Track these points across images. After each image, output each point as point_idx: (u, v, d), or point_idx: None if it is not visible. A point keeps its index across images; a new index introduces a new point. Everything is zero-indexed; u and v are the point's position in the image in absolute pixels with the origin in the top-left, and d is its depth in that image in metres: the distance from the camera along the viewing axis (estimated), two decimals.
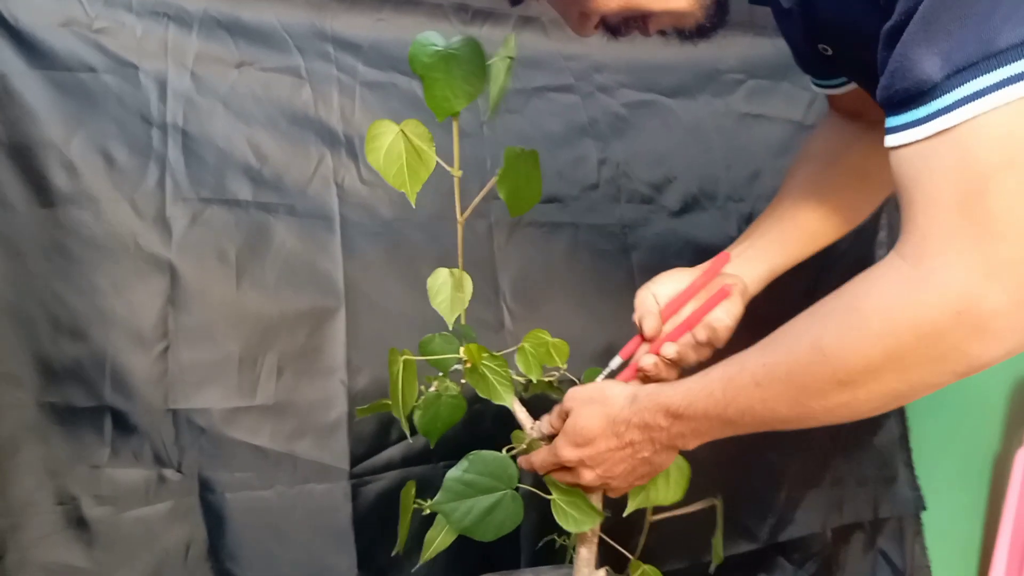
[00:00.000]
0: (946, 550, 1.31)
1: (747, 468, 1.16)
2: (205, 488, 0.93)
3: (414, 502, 0.68)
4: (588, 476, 0.67)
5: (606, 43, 1.17)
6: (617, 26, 0.66)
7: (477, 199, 0.69)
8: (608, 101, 1.14)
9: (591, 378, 0.77)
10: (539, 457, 0.70)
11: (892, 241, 1.27)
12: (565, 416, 0.69)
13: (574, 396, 0.69)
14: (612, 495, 0.70)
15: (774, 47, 1.23)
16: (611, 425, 0.65)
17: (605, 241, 1.09)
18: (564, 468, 0.69)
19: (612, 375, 0.75)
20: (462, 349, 0.69)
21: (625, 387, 0.68)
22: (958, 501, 1.31)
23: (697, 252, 1.14)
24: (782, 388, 0.55)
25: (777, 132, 1.22)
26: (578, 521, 0.67)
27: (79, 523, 0.90)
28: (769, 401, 0.56)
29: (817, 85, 0.82)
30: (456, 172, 0.65)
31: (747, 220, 1.18)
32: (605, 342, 0.87)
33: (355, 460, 0.96)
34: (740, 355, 0.60)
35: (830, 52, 0.68)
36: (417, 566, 0.72)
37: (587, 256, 1.08)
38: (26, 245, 0.91)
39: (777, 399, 0.56)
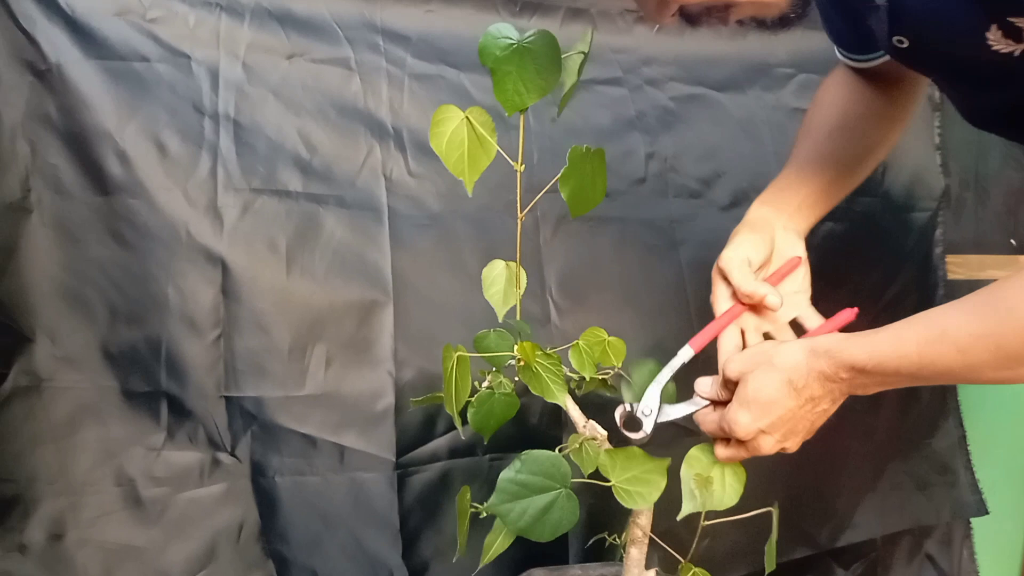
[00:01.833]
0: (994, 555, 1.30)
1: (806, 473, 1.14)
2: (257, 472, 0.95)
3: (470, 506, 0.68)
4: (767, 445, 0.66)
5: (655, 36, 1.18)
6: (696, 15, 0.64)
7: (538, 196, 0.69)
8: (656, 94, 1.13)
9: (642, 370, 0.77)
10: (727, 455, 0.68)
11: (948, 239, 1.26)
12: (733, 387, 0.68)
13: (742, 364, 0.67)
14: (786, 451, 0.70)
15: (825, 41, 1.20)
16: (789, 384, 0.64)
17: (652, 236, 1.09)
18: (736, 444, 0.67)
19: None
20: (516, 347, 0.69)
21: (793, 345, 0.67)
22: (1007, 505, 1.29)
23: None
24: (990, 356, 0.57)
25: None
26: (644, 495, 0.67)
27: (136, 503, 0.93)
28: (973, 366, 0.59)
29: (846, 57, 0.83)
30: (519, 167, 0.65)
31: None
32: (652, 338, 0.87)
33: (401, 451, 0.97)
34: (935, 319, 0.61)
35: (905, 44, 0.66)
36: (476, 570, 0.73)
37: (634, 251, 1.07)
38: (83, 232, 0.93)
39: (983, 366, 0.58)
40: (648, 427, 0.72)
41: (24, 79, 0.91)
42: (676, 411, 0.73)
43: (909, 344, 0.61)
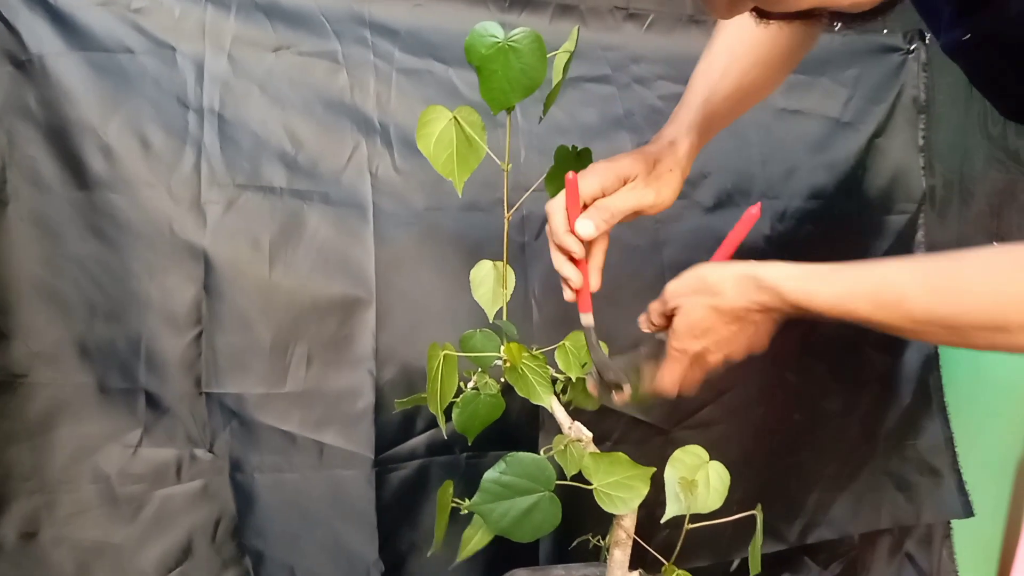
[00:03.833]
0: (973, 556, 1.31)
1: (778, 469, 1.16)
2: (235, 468, 0.95)
3: (452, 501, 0.68)
4: (714, 358, 0.71)
5: (643, 34, 1.17)
6: (775, 13, 0.60)
7: (525, 196, 0.69)
8: (644, 93, 1.12)
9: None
10: (671, 375, 0.72)
11: (931, 240, 1.27)
12: (671, 314, 0.71)
13: (677, 292, 0.71)
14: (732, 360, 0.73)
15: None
16: (728, 313, 0.67)
17: (636, 236, 1.08)
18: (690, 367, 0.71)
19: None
20: (502, 348, 0.69)
21: (729, 270, 0.68)
22: (986, 506, 1.30)
23: None
24: (943, 332, 0.57)
25: (814, 128, 1.20)
26: (626, 501, 0.67)
27: (112, 501, 0.92)
28: (922, 334, 0.59)
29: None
30: (506, 166, 0.64)
31: (781, 218, 1.17)
32: (634, 338, 0.86)
33: (380, 448, 0.97)
34: (894, 281, 0.59)
35: (967, 38, 0.64)
36: (453, 564, 0.72)
37: (617, 251, 1.04)
38: (63, 227, 0.92)
39: (933, 336, 0.59)
40: (624, 383, 0.77)
41: (3, 69, 0.89)
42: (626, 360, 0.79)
43: (861, 301, 0.60)
